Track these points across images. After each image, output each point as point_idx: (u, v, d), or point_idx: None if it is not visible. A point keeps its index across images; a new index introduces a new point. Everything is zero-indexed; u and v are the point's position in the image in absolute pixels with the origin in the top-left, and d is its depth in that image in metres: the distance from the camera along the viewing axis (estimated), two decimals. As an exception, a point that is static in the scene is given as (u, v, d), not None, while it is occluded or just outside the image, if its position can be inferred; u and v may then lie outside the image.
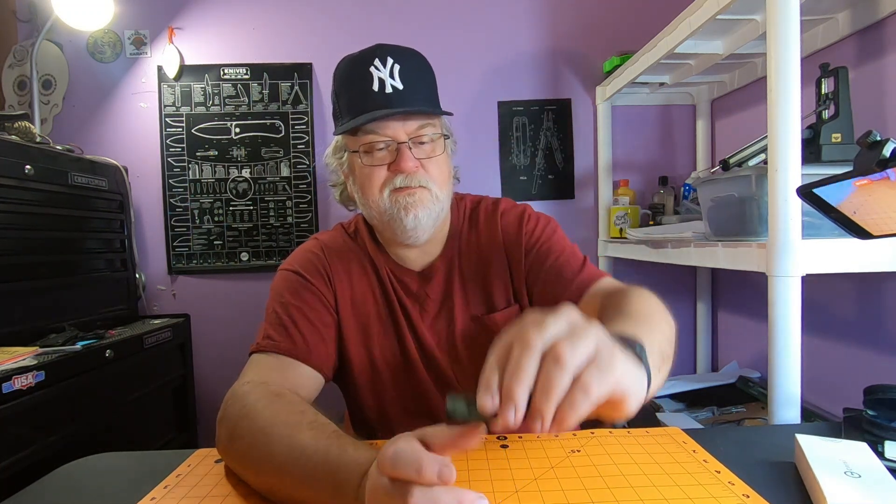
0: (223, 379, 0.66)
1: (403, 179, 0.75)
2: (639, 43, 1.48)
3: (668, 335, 0.58)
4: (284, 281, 0.83)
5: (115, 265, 1.66)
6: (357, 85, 0.76)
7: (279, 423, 0.56)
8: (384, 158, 0.76)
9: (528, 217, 0.87)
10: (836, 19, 1.18)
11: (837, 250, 0.86)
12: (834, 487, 0.49)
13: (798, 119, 0.84)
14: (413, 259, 0.86)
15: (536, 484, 0.56)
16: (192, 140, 1.83)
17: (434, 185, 0.77)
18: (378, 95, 0.74)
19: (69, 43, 1.83)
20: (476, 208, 0.91)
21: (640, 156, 1.92)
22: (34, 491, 0.60)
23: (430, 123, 0.77)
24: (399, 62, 0.75)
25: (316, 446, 0.50)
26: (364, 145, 0.76)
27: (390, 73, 0.74)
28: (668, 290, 1.89)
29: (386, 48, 0.76)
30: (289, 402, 0.61)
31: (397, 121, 0.74)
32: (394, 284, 0.85)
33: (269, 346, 0.75)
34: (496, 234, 0.86)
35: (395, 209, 0.76)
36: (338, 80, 0.80)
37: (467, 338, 0.84)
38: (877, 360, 1.16)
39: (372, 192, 0.77)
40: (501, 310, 0.84)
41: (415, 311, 0.84)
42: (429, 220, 0.77)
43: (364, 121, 0.73)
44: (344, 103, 0.79)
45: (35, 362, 1.10)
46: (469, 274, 0.86)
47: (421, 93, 0.77)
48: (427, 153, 0.77)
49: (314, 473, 0.49)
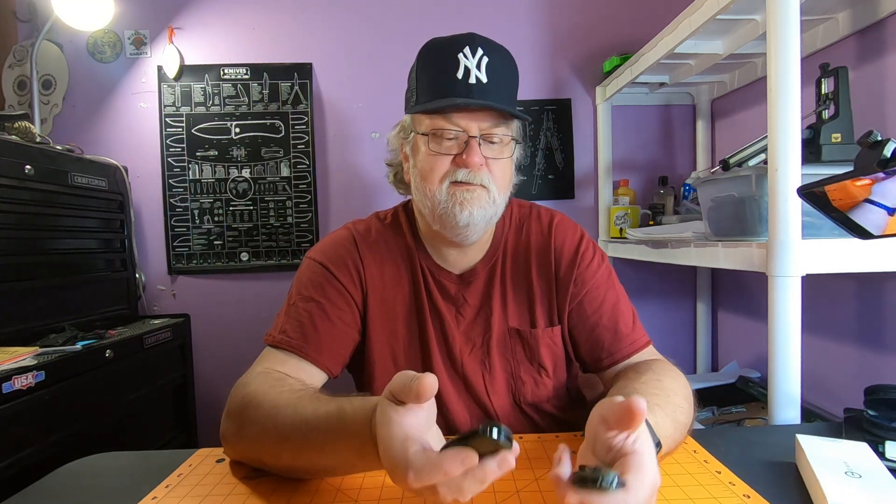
0: (223, 379, 0.67)
1: (466, 174, 0.72)
2: (639, 43, 1.48)
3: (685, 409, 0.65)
4: (309, 272, 0.81)
5: (115, 265, 1.66)
6: (441, 68, 0.73)
7: (282, 404, 0.59)
8: (451, 148, 0.73)
9: (585, 245, 0.84)
10: (836, 19, 1.18)
11: (837, 250, 0.85)
12: (834, 487, 0.49)
13: (798, 119, 0.84)
14: (453, 260, 0.83)
15: (537, 484, 0.56)
16: (192, 140, 1.83)
17: (494, 187, 0.74)
18: (461, 83, 0.71)
19: (69, 43, 1.83)
20: (526, 216, 0.88)
21: (640, 156, 1.92)
22: (34, 491, 0.60)
23: (505, 124, 0.74)
24: (489, 55, 0.72)
25: (318, 412, 0.54)
26: (434, 129, 0.73)
27: (477, 65, 0.72)
28: (668, 290, 1.92)
29: (478, 39, 0.73)
30: (289, 384, 0.64)
31: (473, 113, 0.72)
32: (430, 286, 0.82)
33: (283, 342, 0.75)
34: (548, 249, 0.83)
35: (451, 203, 0.73)
36: (422, 58, 0.77)
37: (502, 347, 0.81)
38: (877, 360, 1.16)
39: (431, 180, 0.74)
40: (544, 328, 0.82)
41: (450, 315, 0.81)
42: (482, 220, 0.74)
43: (441, 105, 0.71)
44: (423, 83, 0.76)
45: (35, 362, 1.10)
46: (511, 283, 0.83)
47: (503, 91, 0.74)
48: (495, 153, 0.74)
49: (326, 436, 0.52)
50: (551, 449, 0.64)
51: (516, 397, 0.81)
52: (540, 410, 0.83)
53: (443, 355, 0.81)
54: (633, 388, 0.65)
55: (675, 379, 0.69)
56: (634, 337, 0.80)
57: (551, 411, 0.83)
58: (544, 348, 0.81)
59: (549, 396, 0.82)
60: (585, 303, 0.81)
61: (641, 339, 0.80)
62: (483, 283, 0.83)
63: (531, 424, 0.83)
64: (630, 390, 0.65)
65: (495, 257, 0.84)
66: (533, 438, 0.68)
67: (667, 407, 0.61)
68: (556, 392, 0.83)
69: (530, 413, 0.82)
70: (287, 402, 0.58)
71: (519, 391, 0.81)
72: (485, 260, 0.84)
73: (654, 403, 0.59)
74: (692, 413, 0.66)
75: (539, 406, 0.82)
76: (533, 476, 0.57)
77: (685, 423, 0.64)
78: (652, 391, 0.64)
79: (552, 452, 0.63)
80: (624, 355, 0.78)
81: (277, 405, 0.58)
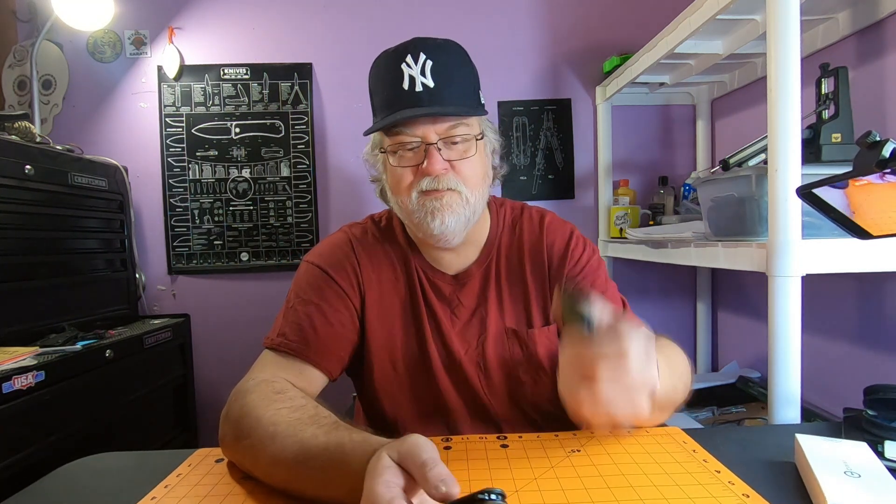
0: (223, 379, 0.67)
1: (431, 182, 0.73)
2: (639, 43, 1.48)
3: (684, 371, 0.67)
4: (307, 275, 0.81)
5: (115, 265, 1.66)
6: (388, 82, 0.73)
7: (281, 422, 0.57)
8: (412, 159, 0.74)
9: (575, 240, 0.85)
10: (836, 19, 1.18)
11: (837, 250, 0.85)
12: (834, 487, 0.49)
13: (798, 119, 0.84)
14: (448, 262, 0.83)
15: (537, 483, 0.56)
16: (192, 140, 1.83)
17: (465, 188, 0.74)
18: (408, 94, 0.71)
19: (69, 43, 1.83)
20: (518, 217, 0.88)
21: (640, 156, 1.92)
22: (34, 491, 0.60)
23: (464, 123, 0.74)
24: (432, 58, 0.72)
25: (318, 441, 0.52)
26: (392, 145, 0.74)
27: (421, 71, 0.71)
28: (668, 290, 1.92)
29: (419, 43, 0.73)
30: (289, 399, 0.62)
31: (427, 120, 0.72)
32: (425, 287, 0.82)
33: (282, 344, 0.74)
34: (540, 248, 0.84)
35: (423, 213, 0.73)
36: (372, 76, 0.78)
37: (498, 347, 0.81)
38: (877, 360, 1.16)
39: (401, 193, 0.75)
40: (540, 327, 0.82)
41: (445, 316, 0.82)
42: (458, 224, 0.74)
43: (390, 121, 0.71)
44: (377, 101, 0.77)
45: (35, 362, 1.10)
46: (506, 283, 0.83)
47: (455, 91, 0.73)
48: (459, 154, 0.74)
49: (323, 470, 0.50)
50: (550, 448, 0.65)
51: (515, 397, 0.81)
52: (540, 410, 0.83)
53: (442, 356, 0.81)
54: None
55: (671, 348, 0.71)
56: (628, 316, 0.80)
57: (552, 411, 0.82)
58: (542, 348, 0.81)
59: (550, 396, 0.82)
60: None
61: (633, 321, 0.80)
62: (478, 283, 0.83)
63: (532, 424, 0.83)
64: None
65: (489, 258, 0.84)
66: (532, 437, 0.68)
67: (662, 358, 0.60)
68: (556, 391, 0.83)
69: (530, 413, 0.82)
70: (287, 422, 0.57)
71: (518, 391, 0.81)
72: (479, 261, 0.84)
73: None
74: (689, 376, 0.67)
75: (539, 406, 0.82)
76: (532, 475, 0.57)
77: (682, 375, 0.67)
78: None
79: (551, 452, 0.63)
80: None
81: (276, 423, 0.57)
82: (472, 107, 0.76)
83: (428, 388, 0.81)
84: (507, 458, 0.62)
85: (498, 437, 0.69)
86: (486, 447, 0.66)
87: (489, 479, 0.57)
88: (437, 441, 0.68)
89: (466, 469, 0.59)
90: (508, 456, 0.63)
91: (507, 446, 0.66)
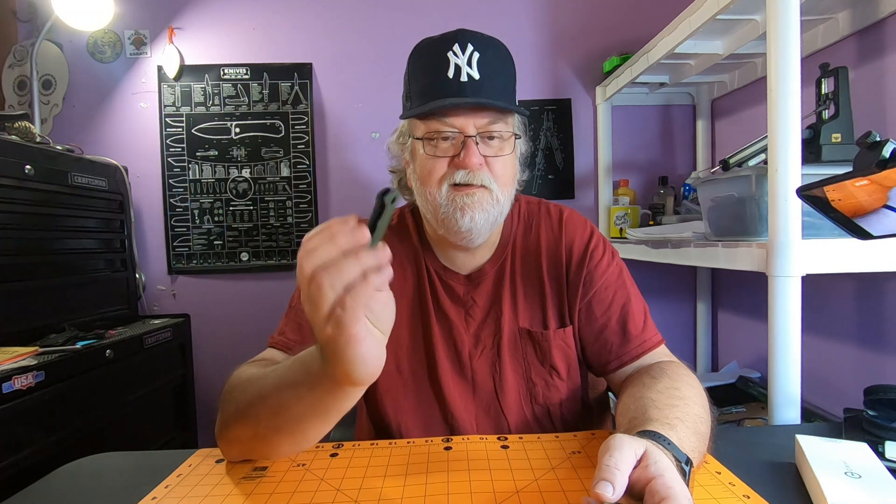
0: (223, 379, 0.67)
1: (465, 175, 0.70)
2: (639, 43, 1.48)
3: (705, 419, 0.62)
4: None
5: (115, 265, 1.66)
6: (431, 69, 0.71)
7: (256, 374, 0.63)
8: (448, 150, 0.71)
9: (595, 242, 0.81)
10: (836, 19, 1.18)
11: (837, 250, 0.85)
12: (834, 488, 0.49)
13: (798, 119, 0.84)
14: (461, 262, 0.81)
15: (537, 484, 0.56)
16: (192, 140, 1.83)
17: (496, 186, 0.72)
18: (452, 83, 0.69)
19: (69, 43, 1.83)
20: (535, 213, 0.85)
21: (640, 156, 1.92)
22: (34, 491, 0.60)
23: (503, 120, 0.72)
24: (479, 50, 0.70)
25: (284, 365, 0.59)
26: (429, 133, 0.71)
27: (468, 61, 0.69)
28: (668, 290, 1.92)
29: (468, 34, 0.71)
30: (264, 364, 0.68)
31: (467, 112, 0.69)
32: (436, 288, 0.80)
33: (280, 342, 0.76)
34: (558, 247, 0.81)
35: (451, 208, 0.71)
36: (413, 61, 0.75)
37: (513, 348, 0.79)
38: (877, 360, 1.16)
39: (430, 184, 0.72)
40: (556, 329, 0.79)
41: (458, 317, 0.80)
42: (486, 223, 0.72)
43: (433, 108, 0.69)
44: (415, 87, 0.74)
45: (35, 362, 1.10)
46: (521, 282, 0.81)
47: (498, 86, 0.71)
48: (495, 150, 0.72)
49: (293, 379, 0.56)
50: (551, 449, 0.64)
51: (528, 399, 0.79)
52: (552, 414, 0.80)
53: (450, 359, 0.79)
54: (649, 398, 0.62)
55: (691, 385, 0.66)
56: (644, 337, 0.77)
57: (564, 415, 0.81)
58: (556, 350, 0.79)
59: (563, 399, 0.80)
60: (594, 303, 0.79)
61: (652, 339, 0.77)
62: (492, 283, 0.81)
63: (543, 428, 0.80)
64: (646, 400, 0.62)
65: (504, 256, 0.82)
66: (533, 438, 0.68)
67: (688, 419, 0.58)
68: (570, 395, 0.81)
69: (542, 416, 0.80)
70: (261, 373, 0.62)
71: (530, 393, 0.79)
72: (493, 260, 0.82)
73: (674, 417, 0.57)
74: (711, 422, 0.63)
75: (551, 409, 0.80)
76: (533, 476, 0.57)
77: (706, 433, 0.60)
78: (670, 402, 0.60)
79: (552, 453, 0.63)
80: (632, 357, 0.76)
81: (252, 376, 0.63)
82: (513, 104, 0.74)
83: (433, 390, 0.80)
84: (507, 458, 0.62)
85: (498, 437, 0.69)
86: (486, 448, 0.66)
87: (489, 479, 0.57)
88: (437, 441, 0.68)
89: (467, 469, 0.59)
90: (509, 456, 0.63)
91: (507, 447, 0.66)
